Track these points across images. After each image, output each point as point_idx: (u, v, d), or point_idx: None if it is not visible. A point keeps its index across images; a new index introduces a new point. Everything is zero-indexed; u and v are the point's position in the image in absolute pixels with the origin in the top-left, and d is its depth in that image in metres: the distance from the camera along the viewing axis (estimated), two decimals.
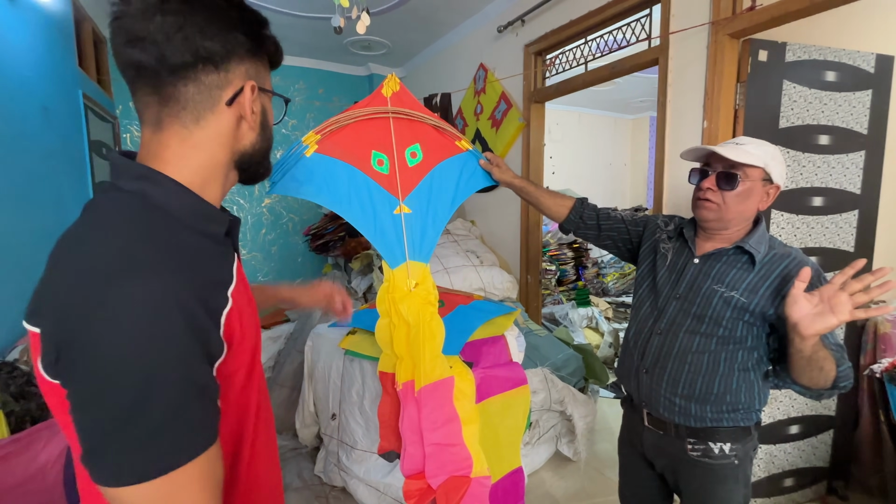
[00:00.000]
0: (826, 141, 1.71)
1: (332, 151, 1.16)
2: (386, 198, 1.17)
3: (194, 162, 0.53)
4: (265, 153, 0.61)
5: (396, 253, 1.17)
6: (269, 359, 2.63)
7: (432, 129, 1.28)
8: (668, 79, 1.80)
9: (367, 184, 1.16)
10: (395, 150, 1.20)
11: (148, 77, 0.50)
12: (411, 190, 1.20)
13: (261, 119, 0.57)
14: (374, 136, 1.21)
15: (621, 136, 5.80)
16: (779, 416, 1.78)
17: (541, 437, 2.10)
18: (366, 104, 1.23)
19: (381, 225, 1.17)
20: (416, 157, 1.23)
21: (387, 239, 1.17)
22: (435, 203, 1.23)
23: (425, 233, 1.20)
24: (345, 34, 3.09)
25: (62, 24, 2.22)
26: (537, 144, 2.62)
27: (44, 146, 1.91)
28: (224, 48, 0.51)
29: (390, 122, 1.22)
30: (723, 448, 1.02)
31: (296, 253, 3.83)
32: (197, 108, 0.52)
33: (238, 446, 0.57)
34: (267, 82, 0.59)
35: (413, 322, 1.14)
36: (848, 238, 1.79)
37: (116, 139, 2.94)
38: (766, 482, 1.80)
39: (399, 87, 1.27)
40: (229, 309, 0.51)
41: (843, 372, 0.90)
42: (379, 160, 1.20)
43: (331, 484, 1.83)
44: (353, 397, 1.77)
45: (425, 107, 1.32)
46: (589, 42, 2.24)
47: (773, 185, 0.99)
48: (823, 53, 1.66)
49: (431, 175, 1.24)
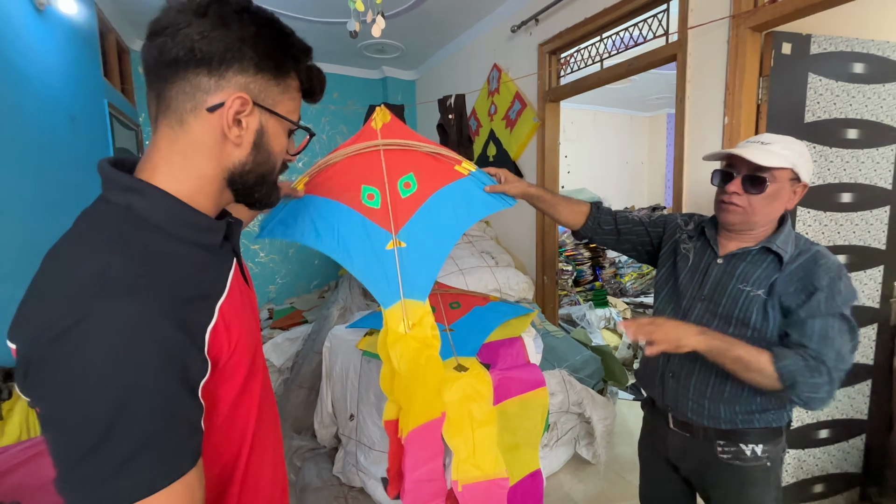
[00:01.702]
0: (854, 135, 1.65)
1: (320, 190, 1.12)
2: (378, 233, 1.12)
3: (181, 169, 0.52)
4: (261, 178, 0.57)
5: (389, 291, 1.09)
6: (288, 360, 2.66)
7: (428, 157, 1.21)
8: (686, 75, 1.77)
9: (358, 220, 1.11)
10: (386, 182, 1.15)
11: (149, 73, 0.51)
12: (405, 222, 1.14)
13: (254, 138, 0.54)
14: (365, 170, 1.16)
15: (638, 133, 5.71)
16: (808, 419, 1.73)
17: (559, 439, 2.08)
18: (355, 140, 1.19)
19: (372, 262, 1.10)
20: (410, 188, 1.17)
21: (378, 277, 1.10)
22: (434, 234, 1.15)
23: (422, 267, 1.12)
24: (359, 38, 3.12)
25: (88, 36, 2.30)
26: (552, 144, 2.59)
27: (71, 154, 1.98)
28: (223, 55, 0.49)
29: (381, 155, 1.17)
30: (755, 450, 0.99)
31: (313, 255, 3.87)
32: (179, 108, 0.50)
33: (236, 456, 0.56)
34: (281, 105, 0.55)
35: (405, 371, 1.06)
36: (879, 235, 1.72)
37: (140, 146, 3.03)
38: (795, 488, 1.75)
39: (390, 117, 1.22)
40: (214, 324, 0.49)
41: (780, 367, 0.86)
42: (369, 194, 1.14)
43: (349, 484, 1.84)
44: (371, 398, 1.78)
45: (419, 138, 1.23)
46: (604, 39, 2.21)
47: (800, 183, 0.96)
48: (850, 45, 1.60)
49: (428, 205, 1.16)
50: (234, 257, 0.59)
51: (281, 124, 0.57)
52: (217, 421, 0.52)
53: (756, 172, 0.93)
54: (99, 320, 0.40)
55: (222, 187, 0.55)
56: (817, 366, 0.85)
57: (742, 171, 0.96)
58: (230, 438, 0.55)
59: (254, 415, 0.58)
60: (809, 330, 0.88)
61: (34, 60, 1.73)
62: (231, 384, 0.52)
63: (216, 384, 0.50)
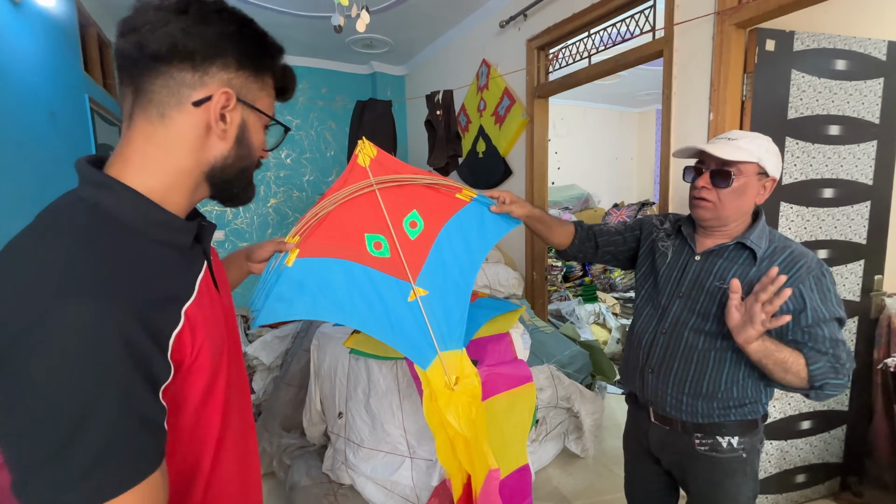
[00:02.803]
0: (836, 131, 1.67)
1: (318, 251, 0.98)
2: (395, 286, 1.00)
3: (156, 165, 0.51)
4: (241, 172, 0.58)
5: (424, 348, 0.99)
6: (277, 358, 2.64)
7: (427, 189, 1.09)
8: (672, 71, 1.77)
9: (368, 276, 0.99)
10: (391, 227, 1.02)
11: (127, 67, 0.50)
12: (422, 267, 1.02)
13: (236, 132, 0.55)
14: (363, 216, 1.02)
15: (627, 130, 5.74)
16: (790, 411, 1.76)
17: (548, 433, 2.09)
18: (343, 182, 1.04)
19: (397, 320, 0.99)
20: (417, 227, 1.05)
21: (408, 335, 0.98)
22: (453, 273, 1.04)
23: (451, 312, 1.01)
24: (346, 33, 3.08)
25: (67, 29, 2.24)
26: (541, 140, 2.60)
27: (52, 151, 1.94)
28: (206, 51, 0.50)
29: (377, 196, 1.04)
30: (731, 442, 1.01)
31: None
32: (163, 102, 0.50)
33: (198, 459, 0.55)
34: (259, 101, 0.57)
35: (472, 434, 0.97)
36: (860, 230, 1.76)
37: None
38: (777, 478, 1.78)
39: (376, 151, 1.09)
40: (180, 329, 0.48)
41: (814, 371, 0.88)
42: (376, 243, 1.02)
43: (339, 482, 1.83)
44: (360, 395, 1.78)
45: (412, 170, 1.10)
46: (592, 35, 2.21)
47: (768, 178, 0.98)
48: (833, 41, 1.62)
49: (439, 242, 1.06)
50: (204, 260, 0.58)
51: (259, 119, 0.58)
52: (181, 423, 0.51)
53: (723, 167, 0.96)
54: (60, 321, 0.39)
55: (199, 182, 0.55)
56: (840, 367, 0.89)
57: (710, 167, 0.98)
58: (194, 441, 0.54)
59: (217, 418, 0.56)
60: (820, 337, 0.91)
61: (11, 54, 1.68)
62: (194, 387, 0.52)
63: (179, 387, 0.49)
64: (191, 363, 0.50)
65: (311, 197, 3.83)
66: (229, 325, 0.62)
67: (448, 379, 0.99)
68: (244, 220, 3.60)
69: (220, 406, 0.57)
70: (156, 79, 0.49)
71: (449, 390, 0.98)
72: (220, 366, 0.56)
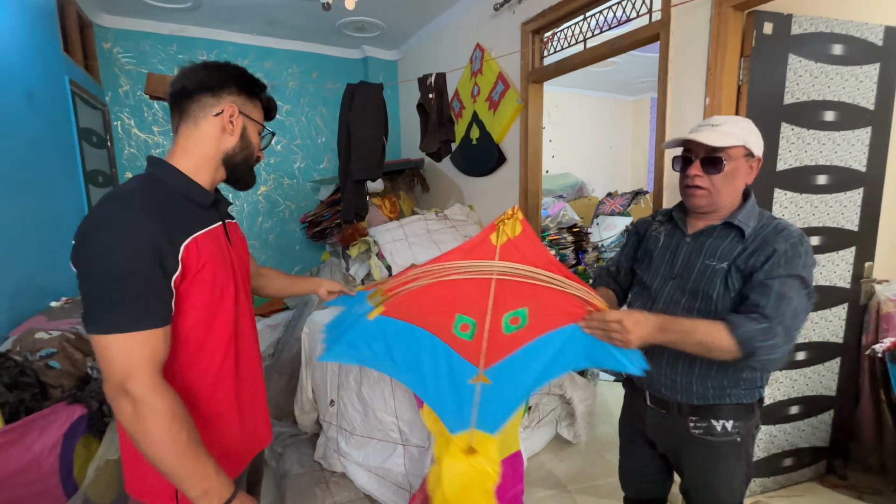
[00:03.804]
0: (832, 117, 1.66)
1: (404, 315, 0.96)
2: (462, 366, 0.95)
3: (191, 153, 0.83)
4: (245, 159, 0.88)
5: (460, 420, 0.94)
6: (269, 346, 2.62)
7: (553, 293, 0.94)
8: (669, 55, 1.74)
9: (443, 352, 0.95)
10: (488, 318, 0.95)
11: (175, 101, 0.83)
12: (498, 360, 0.95)
13: (241, 131, 0.86)
14: (465, 296, 0.95)
15: (622, 118, 5.71)
16: (779, 396, 1.78)
17: (541, 420, 2.10)
18: (465, 253, 0.96)
19: (449, 390, 0.95)
20: (518, 324, 0.95)
21: (449, 406, 0.95)
22: (527, 375, 0.94)
23: (501, 405, 0.94)
24: (337, 15, 3.00)
25: (44, 7, 2.15)
26: (535, 126, 2.56)
27: (30, 133, 1.87)
28: (218, 85, 0.83)
29: (492, 285, 0.95)
30: (725, 425, 1.02)
31: (293, 241, 3.80)
32: (195, 116, 0.82)
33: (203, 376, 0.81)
34: (254, 114, 0.89)
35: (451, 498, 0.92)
36: (852, 217, 1.76)
37: (107, 127, 2.89)
38: (765, 462, 1.80)
39: (520, 229, 0.95)
40: (188, 242, 0.75)
41: (739, 335, 0.86)
42: (463, 325, 0.96)
43: (331, 469, 1.83)
44: (351, 383, 1.77)
45: (550, 262, 0.96)
46: (588, 19, 2.17)
47: (754, 158, 0.99)
48: (830, 25, 1.60)
49: (534, 346, 0.94)
50: (219, 220, 0.86)
51: (255, 126, 0.89)
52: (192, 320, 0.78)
53: (711, 154, 0.97)
54: (118, 220, 0.70)
55: (217, 165, 0.86)
56: (771, 327, 0.86)
57: (699, 155, 0.98)
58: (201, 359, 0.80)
59: (222, 348, 0.83)
60: (768, 290, 0.89)
61: None
62: (200, 290, 0.78)
63: (189, 287, 0.76)
64: (196, 271, 0.76)
65: (302, 184, 3.77)
66: (239, 272, 0.89)
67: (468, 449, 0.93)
68: (234, 208, 3.54)
69: (226, 338, 0.83)
70: (192, 103, 0.82)
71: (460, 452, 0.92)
72: (224, 295, 0.82)
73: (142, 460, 0.74)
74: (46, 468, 1.21)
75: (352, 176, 2.40)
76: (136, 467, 0.79)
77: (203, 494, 0.71)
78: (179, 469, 0.69)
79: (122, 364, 0.67)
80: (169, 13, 2.93)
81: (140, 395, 0.67)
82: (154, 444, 0.68)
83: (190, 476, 0.70)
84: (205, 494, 0.71)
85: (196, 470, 0.70)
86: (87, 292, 0.69)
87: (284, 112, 3.61)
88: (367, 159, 2.35)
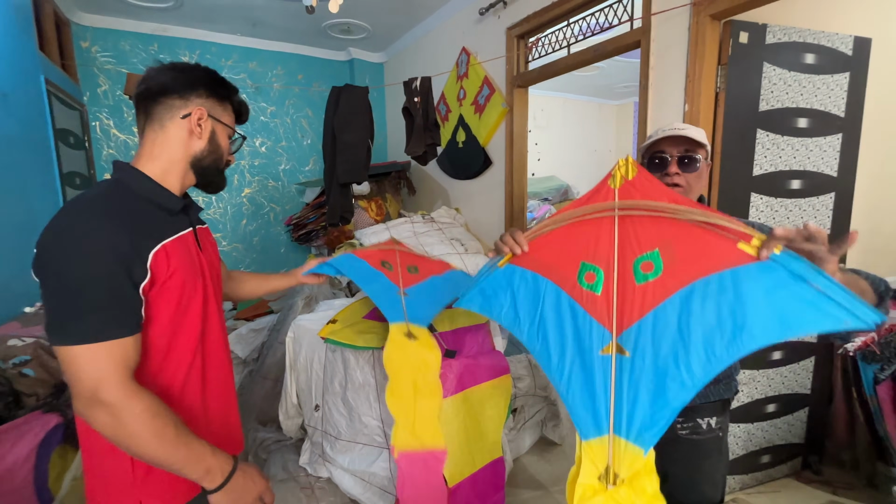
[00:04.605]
0: (804, 124, 1.72)
1: (529, 263, 0.90)
2: (591, 328, 0.80)
3: (158, 157, 0.81)
4: (214, 163, 0.87)
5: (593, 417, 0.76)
6: (253, 351, 2.59)
7: (693, 229, 0.78)
8: (650, 61, 1.78)
9: (571, 308, 0.83)
10: (615, 262, 0.82)
11: (140, 102, 0.81)
12: (634, 322, 0.77)
13: (209, 135, 0.84)
14: (588, 242, 0.86)
15: (606, 122, 5.79)
16: (756, 395, 1.82)
17: (526, 422, 2.12)
18: (585, 201, 0.90)
19: (576, 367, 0.80)
20: (651, 271, 0.79)
21: (580, 392, 0.78)
22: (681, 349, 0.72)
23: (651, 395, 0.73)
24: (322, 16, 2.99)
25: (19, 4, 2.10)
26: (521, 130, 2.59)
27: (3, 134, 1.82)
28: (185, 87, 0.81)
29: (615, 224, 0.84)
30: (710, 423, 1.05)
31: (278, 243, 3.76)
32: (162, 118, 0.80)
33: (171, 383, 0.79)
34: (224, 117, 0.87)
35: None
36: (824, 221, 1.82)
37: (85, 127, 2.82)
38: (744, 459, 1.85)
39: (635, 171, 0.87)
40: (156, 251, 0.74)
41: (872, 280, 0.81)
42: (589, 274, 0.84)
43: (316, 475, 1.81)
44: (336, 388, 1.75)
45: (677, 199, 0.82)
46: (571, 25, 2.20)
47: (708, 163, 1.06)
48: (803, 35, 1.66)
49: (677, 299, 0.75)
50: (189, 225, 0.84)
51: (224, 130, 0.88)
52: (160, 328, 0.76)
53: (686, 153, 1.01)
54: (83, 230, 0.67)
55: (186, 169, 0.83)
56: None
57: (675, 155, 1.03)
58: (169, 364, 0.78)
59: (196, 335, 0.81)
60: None
61: None
62: (169, 298, 0.76)
63: (158, 294, 0.74)
64: (165, 279, 0.75)
65: (287, 186, 3.73)
66: (210, 278, 0.87)
67: (606, 472, 0.73)
68: (217, 210, 3.49)
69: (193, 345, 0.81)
70: (157, 105, 0.80)
71: (601, 486, 0.73)
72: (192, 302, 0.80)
73: (103, 471, 0.76)
74: (20, 479, 1.17)
75: (337, 179, 2.39)
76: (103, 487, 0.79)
77: (205, 474, 0.73)
78: (175, 460, 0.71)
79: (91, 374, 0.65)
80: (149, 12, 2.88)
81: (114, 401, 0.66)
82: (143, 445, 0.68)
83: (187, 463, 0.72)
84: (207, 473, 0.73)
85: (191, 456, 0.72)
86: (51, 303, 0.66)
87: (269, 114, 3.58)
88: (353, 163, 2.35)
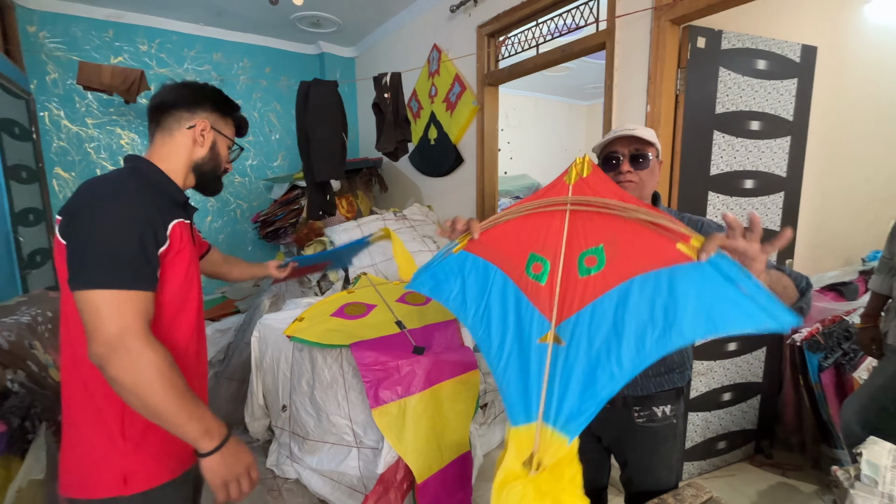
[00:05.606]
0: (757, 126, 1.81)
1: (481, 251, 0.92)
2: (532, 317, 0.82)
3: (165, 159, 0.92)
4: (212, 169, 0.98)
5: (523, 403, 0.76)
6: (219, 352, 2.51)
7: (635, 227, 0.80)
8: (614, 63, 1.83)
9: (515, 295, 0.85)
10: (561, 254, 0.84)
11: (153, 113, 0.94)
12: (573, 313, 0.78)
13: (211, 144, 0.96)
14: (538, 234, 0.89)
15: (576, 121, 5.91)
16: (714, 385, 1.91)
17: (496, 417, 2.14)
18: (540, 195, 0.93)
19: (513, 354, 0.81)
20: (594, 266, 0.80)
21: (514, 378, 0.79)
22: (614, 343, 0.73)
23: (581, 387, 0.73)
24: (290, 9, 2.92)
25: None
26: (492, 128, 2.61)
27: None
28: (193, 102, 0.94)
29: (565, 217, 0.88)
30: (665, 410, 1.10)
31: (245, 241, 3.65)
32: (171, 127, 0.92)
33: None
34: (225, 130, 0.99)
35: None
36: (774, 218, 1.92)
37: (32, 117, 2.65)
38: (702, 445, 1.94)
39: (591, 169, 0.91)
40: (174, 224, 0.85)
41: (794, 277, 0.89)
42: (536, 265, 0.86)
43: (284, 476, 1.78)
44: (304, 387, 1.73)
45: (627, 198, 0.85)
46: (540, 24, 2.23)
47: (659, 161, 1.12)
48: (755, 42, 1.74)
49: (614, 295, 0.76)
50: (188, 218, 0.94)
51: (225, 141, 1.00)
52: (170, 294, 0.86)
53: (638, 151, 1.06)
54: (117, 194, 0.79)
55: (188, 171, 0.95)
56: None
57: (627, 154, 1.08)
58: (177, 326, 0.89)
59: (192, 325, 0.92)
60: None
61: None
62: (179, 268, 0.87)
63: (171, 262, 0.85)
64: (177, 251, 0.86)
65: (255, 182, 3.63)
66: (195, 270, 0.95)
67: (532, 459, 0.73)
68: None
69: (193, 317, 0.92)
70: (168, 117, 0.93)
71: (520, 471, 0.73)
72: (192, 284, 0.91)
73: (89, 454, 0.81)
74: None
75: (315, 178, 2.34)
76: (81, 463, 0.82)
77: (205, 433, 0.77)
78: (181, 411, 0.74)
79: (117, 320, 0.72)
80: None
81: (137, 346, 0.73)
82: (155, 393, 0.73)
83: (191, 418, 0.75)
84: (206, 433, 0.77)
85: (195, 412, 0.76)
86: (86, 255, 0.74)
87: None
88: (328, 159, 2.31)
